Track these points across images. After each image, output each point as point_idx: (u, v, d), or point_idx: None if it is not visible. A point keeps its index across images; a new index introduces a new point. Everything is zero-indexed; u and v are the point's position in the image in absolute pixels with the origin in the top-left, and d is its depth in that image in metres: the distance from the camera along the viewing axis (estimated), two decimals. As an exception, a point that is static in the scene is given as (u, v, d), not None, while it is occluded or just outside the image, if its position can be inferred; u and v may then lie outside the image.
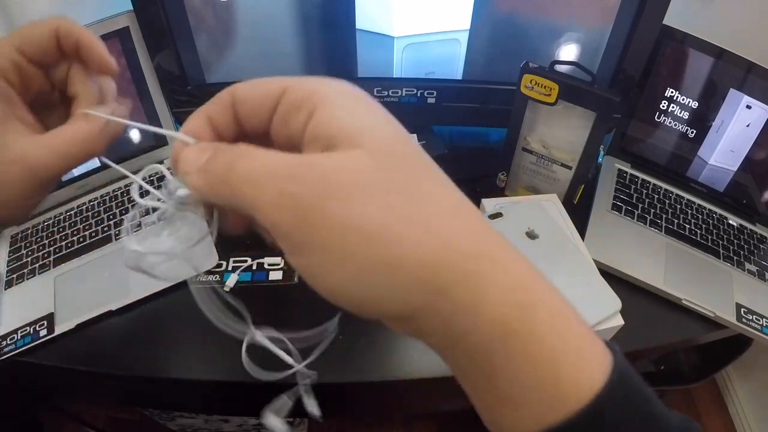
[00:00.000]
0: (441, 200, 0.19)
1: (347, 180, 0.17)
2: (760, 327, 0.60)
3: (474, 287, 0.18)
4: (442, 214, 0.18)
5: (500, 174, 0.71)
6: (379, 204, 0.17)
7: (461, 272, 0.18)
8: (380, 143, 0.18)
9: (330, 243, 0.17)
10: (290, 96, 0.20)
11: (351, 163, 0.18)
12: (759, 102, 0.65)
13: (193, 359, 0.55)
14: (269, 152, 0.19)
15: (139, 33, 0.63)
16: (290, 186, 0.17)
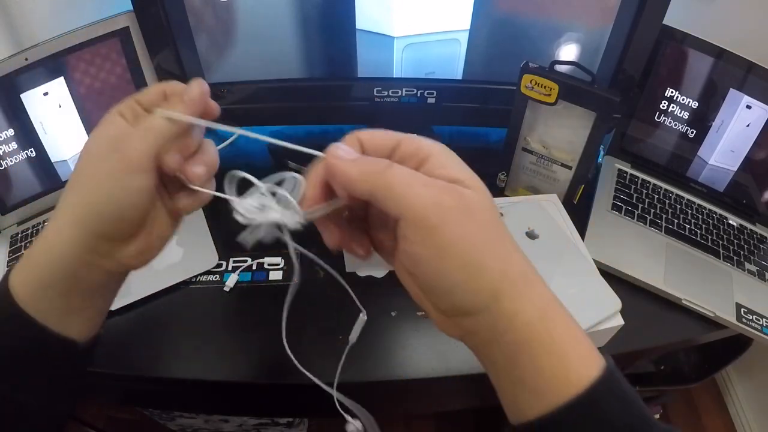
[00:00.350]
0: (508, 236, 0.27)
1: (478, 207, 0.25)
2: (760, 327, 0.60)
3: (516, 299, 0.25)
4: (509, 246, 0.26)
5: (500, 174, 0.71)
6: (491, 229, 0.26)
7: (510, 286, 0.25)
8: (481, 187, 0.26)
9: (453, 244, 0.24)
10: (404, 147, 0.27)
11: (478, 197, 0.26)
12: (759, 102, 0.65)
13: (193, 359, 0.55)
14: (409, 172, 0.25)
15: (139, 33, 0.63)
16: (444, 197, 0.24)
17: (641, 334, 0.58)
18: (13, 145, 0.63)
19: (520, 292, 0.25)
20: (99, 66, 0.64)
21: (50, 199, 0.68)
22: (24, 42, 0.76)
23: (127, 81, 0.66)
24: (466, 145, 0.82)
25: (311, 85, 0.70)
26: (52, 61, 0.61)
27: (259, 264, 0.63)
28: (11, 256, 0.64)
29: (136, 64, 0.66)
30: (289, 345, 0.42)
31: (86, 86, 0.64)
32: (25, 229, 0.67)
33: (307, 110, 0.72)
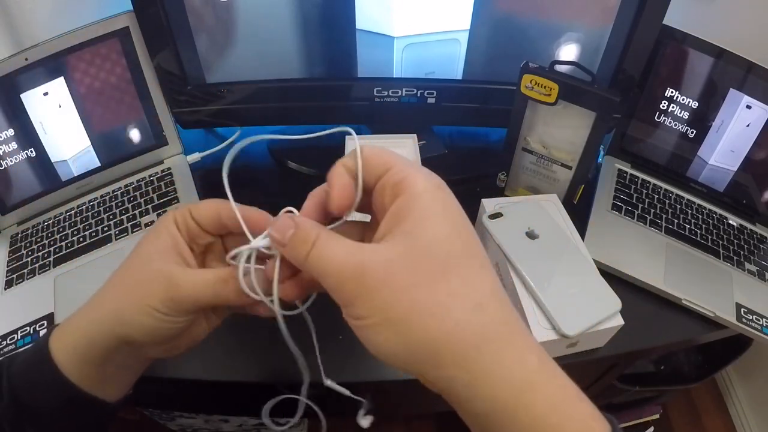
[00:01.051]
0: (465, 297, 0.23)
1: (384, 281, 0.22)
2: (760, 327, 0.60)
3: (472, 370, 0.22)
4: (452, 306, 0.22)
5: (500, 174, 0.71)
6: (402, 304, 0.22)
7: (462, 358, 0.22)
8: (426, 248, 0.23)
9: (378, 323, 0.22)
10: (390, 175, 0.25)
11: (390, 261, 0.22)
12: (759, 102, 0.65)
13: (193, 359, 0.55)
14: (338, 244, 0.24)
15: (139, 33, 0.63)
16: (345, 284, 0.23)
17: (641, 334, 0.58)
18: (13, 145, 0.63)
19: (479, 362, 0.22)
20: (99, 66, 0.64)
21: (50, 199, 0.68)
22: (24, 42, 0.76)
23: (127, 81, 0.66)
24: (466, 145, 0.82)
25: (311, 85, 0.70)
26: (52, 61, 0.61)
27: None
28: (11, 256, 0.64)
29: (136, 64, 0.66)
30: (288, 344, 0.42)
31: (86, 86, 0.64)
32: (25, 229, 0.67)
33: (307, 110, 0.72)
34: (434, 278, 0.22)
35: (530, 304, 0.52)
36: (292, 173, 0.78)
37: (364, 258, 0.23)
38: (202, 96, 0.69)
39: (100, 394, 0.33)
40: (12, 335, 0.55)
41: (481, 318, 0.22)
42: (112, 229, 0.65)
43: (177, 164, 0.73)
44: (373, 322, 0.22)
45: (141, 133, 0.70)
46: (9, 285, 0.61)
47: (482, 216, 0.61)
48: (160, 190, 0.69)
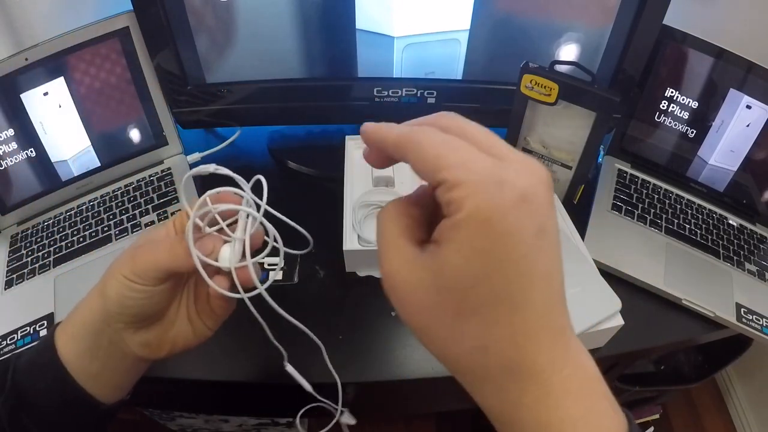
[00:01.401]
0: (472, 338, 0.22)
1: (415, 300, 0.22)
2: (760, 327, 0.60)
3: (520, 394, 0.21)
4: (464, 350, 0.22)
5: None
6: (426, 319, 0.22)
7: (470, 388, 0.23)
8: (452, 280, 0.21)
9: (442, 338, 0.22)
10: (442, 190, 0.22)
11: (425, 284, 0.22)
12: (759, 102, 0.65)
13: (193, 359, 0.55)
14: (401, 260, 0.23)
15: (139, 33, 0.63)
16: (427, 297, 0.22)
17: (641, 334, 0.58)
18: (13, 145, 0.63)
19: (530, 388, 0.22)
20: (99, 66, 0.64)
21: (50, 199, 0.68)
22: (24, 42, 0.76)
23: (127, 81, 0.66)
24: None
25: (311, 85, 0.70)
26: (52, 61, 0.61)
27: (259, 264, 0.63)
28: (11, 255, 0.64)
29: (136, 64, 0.66)
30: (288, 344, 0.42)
31: (86, 86, 0.64)
32: (25, 229, 0.67)
33: (307, 110, 0.72)
34: (449, 311, 0.22)
35: (530, 304, 0.52)
36: (292, 173, 0.78)
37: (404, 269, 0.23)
38: (202, 96, 0.69)
39: (97, 393, 0.34)
40: (12, 335, 0.55)
41: (481, 360, 0.22)
42: (112, 229, 0.65)
43: (177, 164, 0.73)
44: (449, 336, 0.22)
45: (141, 133, 0.71)
46: (9, 285, 0.61)
47: (482, 216, 0.61)
48: (160, 190, 0.69)
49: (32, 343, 0.55)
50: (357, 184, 0.66)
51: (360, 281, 0.62)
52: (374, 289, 0.61)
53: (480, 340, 0.21)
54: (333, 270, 0.62)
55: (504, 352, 0.21)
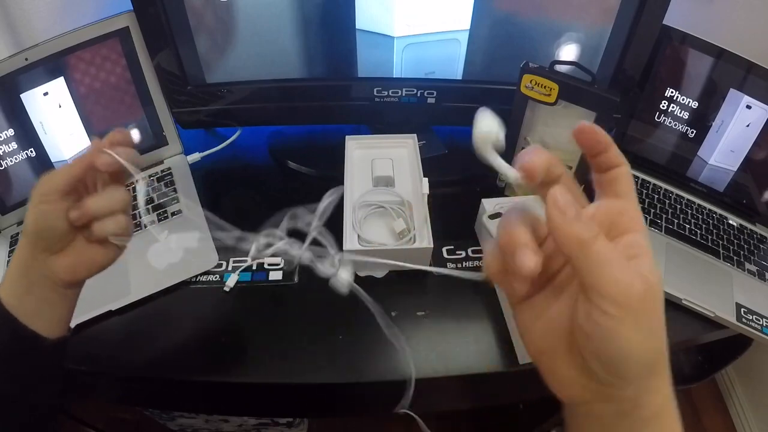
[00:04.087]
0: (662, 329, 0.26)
1: (659, 297, 0.25)
2: (760, 327, 0.60)
3: (661, 376, 0.28)
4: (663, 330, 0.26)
5: (500, 174, 0.71)
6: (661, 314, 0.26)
7: (662, 364, 0.28)
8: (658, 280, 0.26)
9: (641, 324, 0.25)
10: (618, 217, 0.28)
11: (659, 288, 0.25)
12: (759, 102, 0.65)
13: (193, 359, 0.55)
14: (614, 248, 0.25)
15: (139, 33, 0.63)
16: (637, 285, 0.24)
17: (641, 334, 0.58)
18: (13, 145, 0.63)
19: (663, 371, 0.28)
20: (99, 66, 0.64)
21: (50, 199, 0.68)
22: (24, 42, 0.76)
23: (127, 81, 0.66)
24: (466, 145, 0.82)
25: (311, 85, 0.70)
26: (52, 61, 0.61)
27: (259, 264, 0.63)
28: (11, 256, 0.64)
29: (136, 64, 0.66)
30: (289, 344, 0.42)
31: (86, 86, 0.64)
32: (25, 229, 0.67)
33: (307, 110, 0.72)
34: (661, 308, 0.26)
35: (530, 304, 0.52)
36: (292, 173, 0.78)
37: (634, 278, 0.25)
38: (202, 96, 0.69)
39: (40, 328, 0.39)
40: (12, 335, 0.55)
41: (662, 345, 0.27)
42: (112, 229, 0.65)
43: (177, 164, 0.73)
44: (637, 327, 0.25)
45: (141, 133, 0.71)
46: (9, 285, 0.61)
47: (482, 216, 0.61)
48: (160, 190, 0.69)
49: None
50: (357, 184, 0.65)
51: (360, 281, 0.61)
52: (374, 289, 0.61)
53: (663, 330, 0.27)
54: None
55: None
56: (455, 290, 0.61)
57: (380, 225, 0.62)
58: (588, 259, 0.24)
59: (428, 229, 0.59)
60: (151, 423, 0.94)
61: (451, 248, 0.65)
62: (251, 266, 0.63)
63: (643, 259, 0.26)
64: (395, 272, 0.62)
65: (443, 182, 0.73)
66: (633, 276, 0.24)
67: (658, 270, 0.26)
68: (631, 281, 0.24)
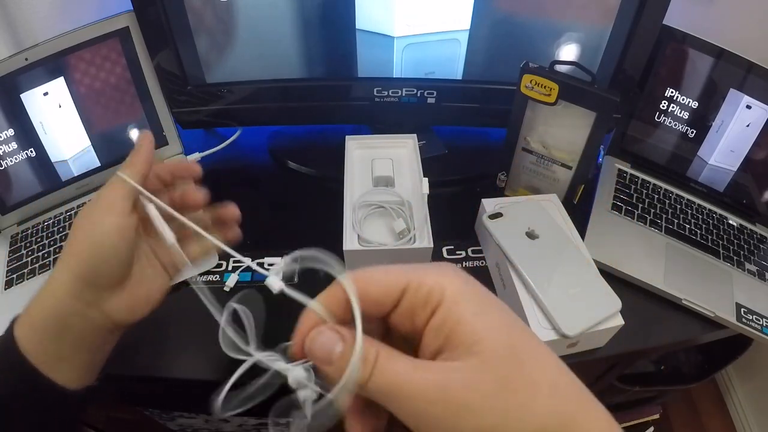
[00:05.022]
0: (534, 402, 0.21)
1: (472, 401, 0.20)
2: (760, 327, 0.60)
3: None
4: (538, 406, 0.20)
5: (500, 174, 0.71)
6: (492, 419, 0.20)
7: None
8: (496, 350, 0.21)
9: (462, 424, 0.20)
10: (411, 295, 0.22)
11: (469, 379, 0.20)
12: (759, 102, 0.65)
13: (193, 359, 0.55)
14: (401, 363, 0.21)
15: (139, 33, 0.63)
16: (431, 408, 0.20)
17: (641, 334, 0.58)
18: (13, 145, 0.63)
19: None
20: (99, 66, 0.64)
21: (50, 199, 0.68)
22: (24, 42, 0.76)
23: (127, 81, 0.66)
24: (466, 145, 0.82)
25: (311, 85, 0.70)
26: (52, 61, 0.61)
27: (259, 264, 0.63)
28: (11, 255, 0.64)
29: (136, 64, 0.66)
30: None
31: (86, 86, 0.64)
32: (25, 229, 0.67)
33: (307, 110, 0.72)
34: (511, 386, 0.20)
35: (530, 304, 0.52)
36: (292, 173, 0.78)
37: (445, 377, 0.20)
38: (202, 96, 0.69)
39: (64, 378, 0.33)
40: (12, 335, 0.55)
41: (556, 404, 0.21)
42: (112, 229, 0.65)
43: (177, 164, 0.73)
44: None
45: (140, 133, 0.70)
46: (9, 285, 0.61)
47: (482, 216, 0.61)
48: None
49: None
50: (357, 184, 0.65)
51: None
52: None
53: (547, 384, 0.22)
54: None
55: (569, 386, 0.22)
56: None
57: (380, 225, 0.62)
58: (376, 397, 0.21)
59: (428, 229, 0.59)
60: (151, 423, 0.94)
61: (451, 248, 0.65)
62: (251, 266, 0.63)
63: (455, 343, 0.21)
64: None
65: (443, 182, 0.73)
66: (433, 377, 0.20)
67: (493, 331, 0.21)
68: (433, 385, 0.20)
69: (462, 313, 0.21)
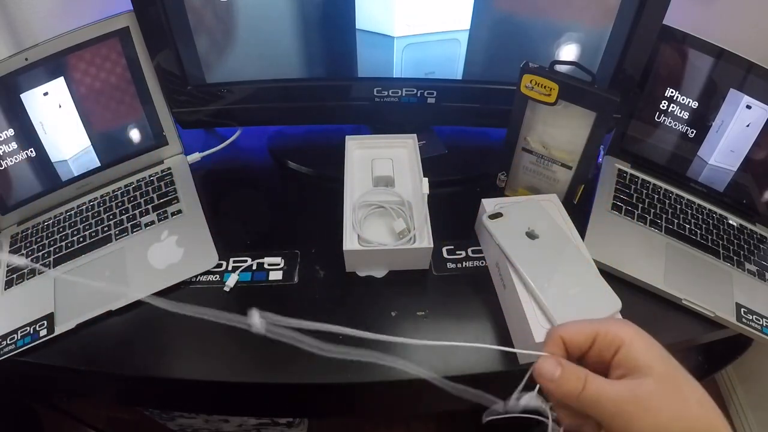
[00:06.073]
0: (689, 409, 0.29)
1: (652, 403, 0.28)
2: (760, 327, 0.60)
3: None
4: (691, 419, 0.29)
5: (500, 174, 0.71)
6: (665, 415, 0.28)
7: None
8: (662, 374, 0.29)
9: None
10: (601, 339, 0.31)
11: (649, 389, 0.29)
12: (759, 102, 0.65)
13: (193, 359, 0.55)
14: (601, 380, 0.30)
15: (139, 33, 0.63)
16: (625, 407, 0.29)
17: (641, 334, 0.58)
18: (13, 145, 0.63)
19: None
20: (99, 66, 0.64)
21: (50, 199, 0.68)
22: (24, 42, 0.76)
23: (127, 81, 0.66)
24: (466, 145, 0.82)
25: (311, 85, 0.70)
26: (52, 61, 0.61)
27: (259, 264, 0.63)
28: (11, 255, 0.64)
29: (136, 64, 0.66)
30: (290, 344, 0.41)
31: (86, 86, 0.64)
32: (25, 229, 0.67)
33: (307, 110, 0.72)
34: (674, 398, 0.29)
35: (530, 304, 0.52)
36: (292, 173, 0.78)
37: (633, 387, 0.29)
38: (202, 96, 0.69)
39: None
40: (12, 335, 0.55)
41: (704, 412, 0.29)
42: (112, 229, 0.65)
43: (177, 164, 0.73)
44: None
45: (141, 133, 0.71)
46: (9, 285, 0.61)
47: (482, 216, 0.61)
48: (160, 190, 0.69)
49: (32, 343, 0.55)
50: (357, 184, 0.65)
51: (360, 281, 0.62)
52: (374, 289, 0.61)
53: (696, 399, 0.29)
54: (333, 270, 0.62)
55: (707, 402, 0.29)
56: (455, 290, 0.61)
57: (380, 225, 0.62)
58: (585, 404, 0.29)
59: (428, 229, 0.59)
60: (151, 423, 0.94)
61: (451, 248, 0.65)
62: (251, 266, 0.63)
63: (636, 358, 0.30)
64: (395, 272, 0.62)
65: (443, 182, 0.73)
66: (621, 394, 0.29)
67: (661, 363, 0.30)
68: (621, 398, 0.29)
69: (637, 350, 0.30)
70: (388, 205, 0.63)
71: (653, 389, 0.29)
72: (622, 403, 0.29)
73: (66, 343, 0.56)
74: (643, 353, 0.30)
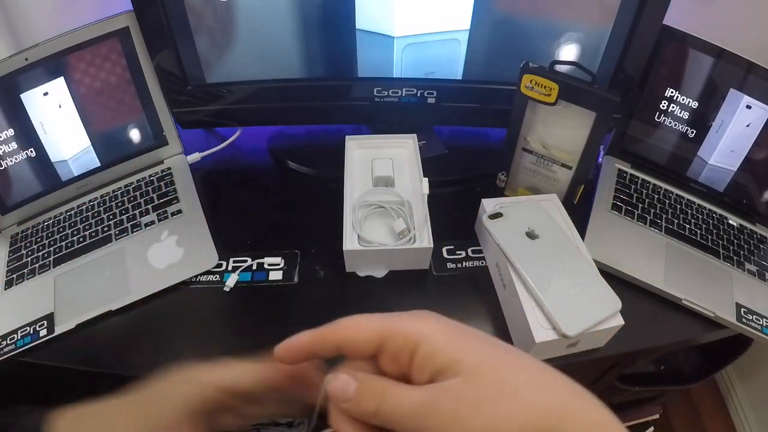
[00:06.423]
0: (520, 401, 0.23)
1: (461, 409, 0.22)
2: (760, 327, 0.60)
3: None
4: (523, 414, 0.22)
5: (500, 174, 0.71)
6: (483, 418, 0.22)
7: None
8: (474, 366, 0.23)
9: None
10: (390, 344, 0.25)
11: (456, 392, 0.23)
12: (759, 102, 0.65)
13: (193, 359, 0.55)
14: (403, 392, 0.24)
15: (139, 33, 0.63)
16: (426, 422, 0.23)
17: (641, 334, 0.58)
18: (13, 145, 0.63)
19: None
20: (99, 66, 0.64)
21: (50, 199, 0.68)
22: (24, 42, 0.76)
23: (127, 81, 0.66)
24: (466, 145, 0.82)
25: (311, 85, 0.70)
26: (52, 61, 0.61)
27: (259, 264, 0.63)
28: (11, 255, 0.64)
29: (136, 64, 0.66)
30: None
31: (86, 86, 0.64)
32: (25, 229, 0.67)
33: (307, 110, 0.72)
34: (495, 392, 0.23)
35: (530, 304, 0.52)
36: (292, 173, 0.78)
37: (434, 395, 0.23)
38: (202, 96, 0.69)
39: None
40: (12, 335, 0.55)
41: (546, 398, 0.23)
42: (112, 229, 0.65)
43: (177, 164, 0.73)
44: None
45: (141, 133, 0.71)
46: (9, 285, 0.61)
47: (482, 216, 0.61)
48: (160, 190, 0.69)
49: (32, 343, 0.55)
50: (357, 184, 0.66)
51: (360, 281, 0.62)
52: (374, 289, 0.61)
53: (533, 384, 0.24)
54: (333, 270, 0.62)
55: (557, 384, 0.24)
56: (455, 290, 0.61)
57: (380, 225, 0.62)
58: (387, 424, 0.24)
59: (428, 229, 0.59)
60: (151, 423, 0.94)
61: (451, 248, 0.65)
62: (251, 266, 0.63)
63: (441, 354, 0.24)
64: (395, 272, 0.62)
65: (443, 182, 0.73)
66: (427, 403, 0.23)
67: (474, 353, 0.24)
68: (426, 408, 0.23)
69: (438, 345, 0.24)
70: (388, 205, 0.63)
71: (462, 390, 0.23)
72: (422, 417, 0.23)
73: (66, 343, 0.56)
74: (445, 347, 0.24)
